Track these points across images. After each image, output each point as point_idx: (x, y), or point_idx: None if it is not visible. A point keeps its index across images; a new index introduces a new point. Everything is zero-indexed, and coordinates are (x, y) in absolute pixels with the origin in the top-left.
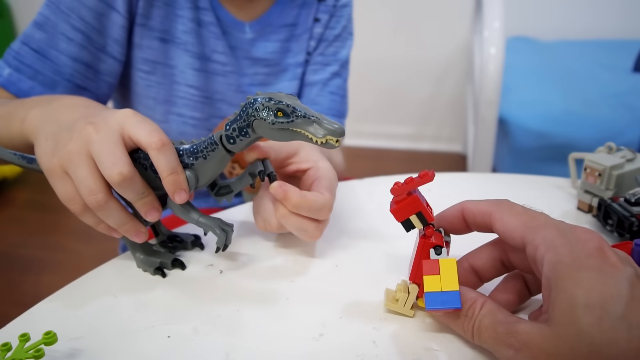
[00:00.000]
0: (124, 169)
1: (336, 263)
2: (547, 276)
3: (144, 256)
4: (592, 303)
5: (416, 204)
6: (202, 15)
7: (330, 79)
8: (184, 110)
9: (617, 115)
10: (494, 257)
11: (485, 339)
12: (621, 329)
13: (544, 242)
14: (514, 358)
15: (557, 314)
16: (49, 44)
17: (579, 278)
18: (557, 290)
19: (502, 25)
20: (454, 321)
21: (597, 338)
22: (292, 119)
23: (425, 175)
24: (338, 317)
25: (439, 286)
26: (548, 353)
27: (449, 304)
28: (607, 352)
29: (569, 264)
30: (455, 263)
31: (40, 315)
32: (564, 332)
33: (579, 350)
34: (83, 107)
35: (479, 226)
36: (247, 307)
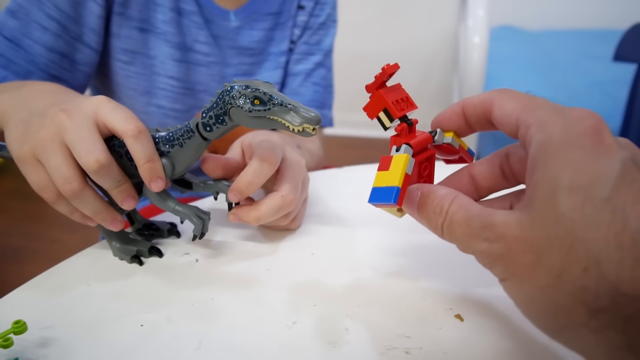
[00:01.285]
0: (101, 156)
1: (312, 251)
2: (533, 157)
3: (120, 244)
4: (577, 185)
5: (380, 99)
6: (183, 4)
7: (314, 70)
8: (164, 101)
9: (599, 104)
10: (493, 163)
11: (457, 235)
12: (604, 211)
13: (536, 121)
14: (487, 251)
15: (537, 198)
16: (23, 33)
17: (566, 159)
18: (541, 171)
19: (486, 14)
20: (424, 218)
21: (577, 222)
22: (269, 106)
23: (386, 68)
24: (312, 305)
25: (384, 181)
26: (522, 241)
27: (385, 199)
28: (585, 235)
29: (558, 142)
30: (405, 158)
31: (11, 304)
32: (542, 218)
33: (556, 236)
34: (54, 93)
35: (479, 119)
36: (221, 295)
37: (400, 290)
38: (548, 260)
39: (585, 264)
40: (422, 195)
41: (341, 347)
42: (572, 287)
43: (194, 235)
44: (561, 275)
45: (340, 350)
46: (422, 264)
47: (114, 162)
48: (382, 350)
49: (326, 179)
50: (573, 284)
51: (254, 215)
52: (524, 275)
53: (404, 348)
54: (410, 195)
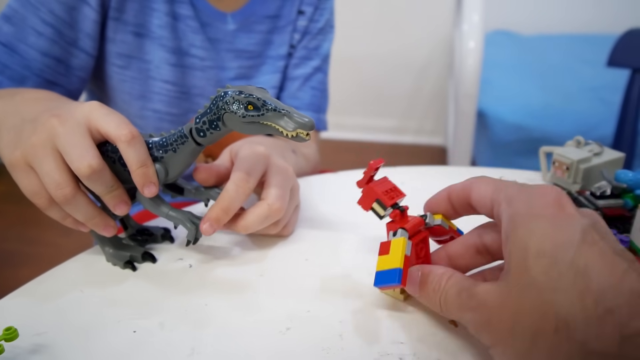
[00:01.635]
0: (93, 161)
1: (306, 257)
2: (505, 230)
3: (113, 250)
4: (543, 251)
5: (371, 192)
6: (178, 9)
7: (312, 74)
8: (159, 105)
9: (593, 109)
10: (468, 244)
11: (450, 308)
12: (568, 274)
13: (505, 199)
14: (473, 320)
15: (512, 266)
16: (18, 38)
17: (532, 227)
18: (512, 241)
19: (481, 19)
20: (424, 296)
21: (545, 285)
22: (263, 112)
23: (372, 164)
24: (305, 311)
25: (386, 265)
26: (500, 308)
27: (390, 281)
28: (553, 298)
29: (523, 214)
30: (402, 241)
31: (3, 310)
32: (515, 284)
33: (527, 299)
34: (47, 101)
35: (462, 204)
36: (215, 301)
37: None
38: (523, 326)
39: (556, 325)
40: (422, 275)
41: (335, 353)
42: (547, 346)
43: (187, 241)
44: (535, 339)
45: (334, 356)
46: None
47: (107, 168)
48: (376, 356)
49: (320, 184)
50: (547, 344)
51: (241, 225)
52: (505, 341)
53: (398, 354)
54: (412, 276)
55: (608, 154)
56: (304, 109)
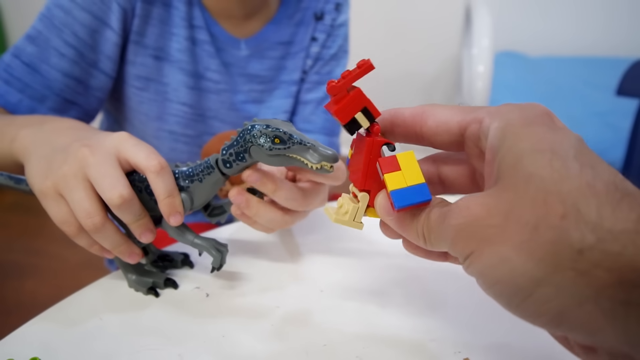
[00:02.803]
0: (124, 191)
1: (321, 288)
2: (493, 144)
3: (136, 276)
4: (542, 149)
5: (361, 98)
6: (197, 34)
7: (325, 98)
8: (175, 127)
9: (601, 134)
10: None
11: (432, 226)
12: (573, 166)
13: (488, 114)
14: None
15: (503, 169)
16: (40, 58)
17: (527, 133)
18: (505, 149)
19: (490, 44)
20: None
21: (547, 177)
22: (289, 145)
23: (363, 64)
24: (322, 345)
25: (403, 182)
26: (488, 206)
27: (419, 198)
28: (558, 188)
29: (517, 123)
30: (413, 154)
31: (25, 338)
32: (509, 183)
33: (526, 193)
34: (76, 130)
35: (408, 131)
36: (232, 333)
37: (409, 331)
38: (520, 217)
39: (563, 212)
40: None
41: None
42: (551, 234)
43: (212, 268)
44: (537, 227)
45: None
46: (431, 305)
47: (136, 197)
48: None
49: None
50: (552, 232)
51: (271, 187)
52: (493, 238)
53: None
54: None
55: None
56: (316, 133)
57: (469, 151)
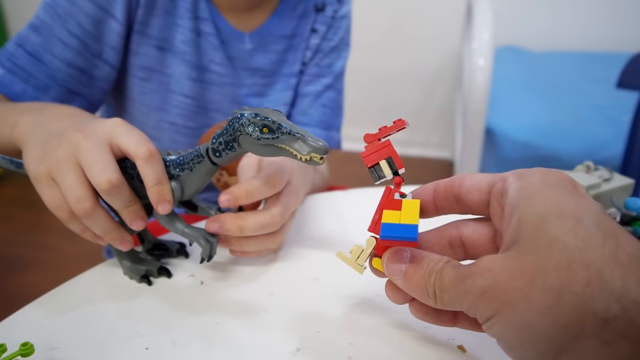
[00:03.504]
0: (113, 176)
1: (316, 276)
2: (512, 202)
3: (130, 264)
4: (566, 213)
5: (387, 148)
6: (202, 26)
7: (323, 92)
8: (177, 119)
9: (602, 128)
10: (442, 234)
11: (446, 286)
12: (596, 235)
13: (513, 174)
14: (472, 286)
15: (524, 231)
16: (44, 48)
17: (549, 195)
18: (525, 208)
19: (491, 37)
20: (411, 279)
21: (571, 244)
22: (278, 135)
23: (398, 121)
24: (315, 332)
25: (398, 219)
26: (511, 269)
27: (404, 233)
28: (581, 256)
29: (538, 184)
30: (418, 203)
31: (18, 323)
32: (532, 245)
33: (550, 259)
34: (73, 117)
35: (447, 195)
36: (226, 320)
37: (403, 318)
38: (544, 282)
39: (587, 279)
40: (413, 257)
41: None
42: (575, 301)
43: (201, 258)
44: (562, 293)
45: None
46: None
47: (125, 183)
48: None
49: (330, 202)
50: (576, 299)
51: (238, 224)
52: (516, 301)
53: None
54: (399, 255)
55: (617, 180)
56: (313, 126)
57: (492, 210)
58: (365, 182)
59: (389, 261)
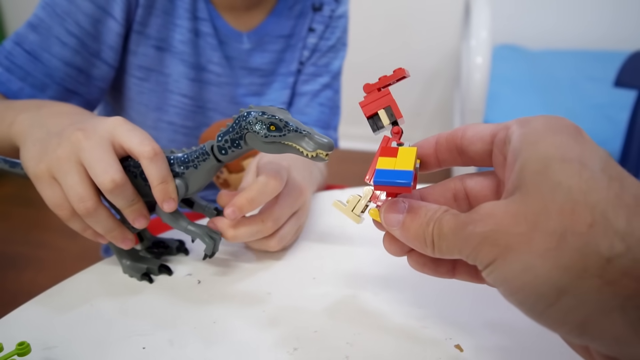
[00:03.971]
0: (116, 175)
1: (314, 276)
2: (515, 148)
3: (130, 262)
4: (570, 158)
5: (386, 97)
6: (200, 26)
7: (321, 91)
8: (175, 118)
9: (599, 127)
10: (446, 187)
11: (445, 233)
12: (601, 178)
13: (516, 122)
14: (473, 233)
15: (526, 176)
16: (42, 47)
17: (553, 140)
18: (528, 153)
19: (489, 35)
20: (408, 229)
21: (575, 187)
22: (284, 132)
23: (398, 70)
24: (313, 331)
25: (392, 166)
26: (513, 214)
27: (398, 178)
28: (585, 198)
29: (542, 130)
30: (415, 150)
31: (15, 322)
32: (535, 190)
33: (553, 202)
34: (72, 115)
35: (449, 148)
36: (223, 319)
37: (400, 318)
38: (547, 226)
39: (591, 220)
40: (411, 207)
41: None
42: (578, 242)
43: (205, 255)
44: (564, 236)
45: None
46: (423, 292)
47: (129, 182)
48: None
49: (328, 201)
50: (579, 240)
51: (231, 233)
52: (518, 245)
53: None
54: (396, 205)
55: None
56: (311, 125)
57: (495, 160)
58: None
59: (386, 212)
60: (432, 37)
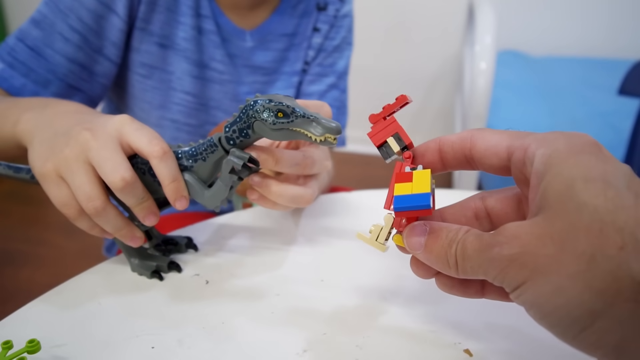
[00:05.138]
0: (126, 174)
1: (322, 278)
2: (538, 170)
3: (139, 260)
4: (594, 177)
5: (393, 125)
6: (204, 23)
7: (327, 91)
8: (178, 116)
9: (602, 135)
10: (467, 206)
11: (470, 254)
12: (627, 197)
13: (535, 141)
14: (499, 255)
15: (551, 197)
16: (45, 43)
17: (576, 161)
18: (552, 175)
19: (493, 41)
20: (431, 252)
21: (601, 207)
22: (292, 119)
23: (401, 97)
24: (322, 334)
25: (409, 190)
26: (539, 236)
27: (417, 202)
28: (613, 218)
29: (565, 151)
30: (429, 172)
31: (24, 320)
32: (560, 211)
33: (580, 223)
34: (78, 114)
35: (456, 156)
36: (232, 320)
37: (410, 322)
38: (575, 247)
39: (621, 242)
40: (432, 229)
41: None
42: (610, 265)
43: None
44: (594, 257)
45: None
46: (432, 296)
47: (139, 180)
48: None
49: (337, 203)
50: (610, 263)
51: (272, 159)
52: (547, 267)
53: None
54: (416, 229)
55: None
56: None
57: (516, 178)
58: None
59: (409, 236)
60: (434, 41)
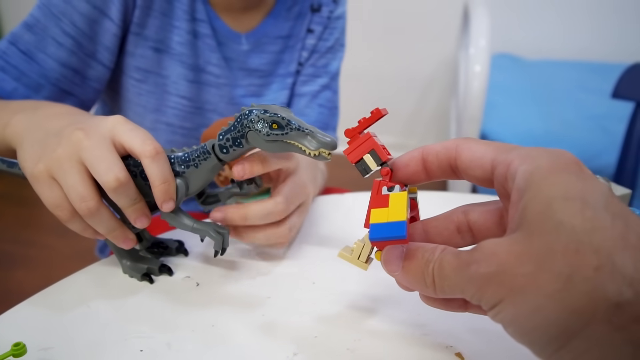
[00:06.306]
0: (120, 174)
1: (313, 281)
2: (520, 186)
3: (131, 262)
4: (572, 196)
5: (369, 141)
6: (199, 27)
7: (320, 92)
8: (173, 120)
9: (595, 138)
10: (450, 219)
11: (447, 274)
12: (604, 217)
13: (518, 157)
14: (477, 274)
15: (530, 215)
16: (38, 47)
17: (556, 180)
18: (532, 193)
19: (488, 44)
20: (408, 272)
21: (578, 227)
22: (287, 131)
23: (375, 112)
24: (313, 337)
25: (385, 217)
26: (518, 254)
27: (393, 232)
28: (590, 238)
29: (546, 169)
30: (405, 196)
31: (10, 322)
32: (538, 230)
33: (557, 242)
34: (70, 115)
35: (441, 166)
36: (222, 323)
37: (401, 325)
38: (552, 267)
39: (597, 263)
40: (408, 251)
41: None
42: (586, 286)
43: (215, 252)
44: (571, 278)
45: None
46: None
47: (132, 181)
48: None
49: (329, 205)
50: (587, 284)
51: (241, 212)
52: (524, 287)
53: None
54: (393, 252)
55: (614, 190)
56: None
57: (497, 191)
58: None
59: (385, 259)
60: (428, 44)
